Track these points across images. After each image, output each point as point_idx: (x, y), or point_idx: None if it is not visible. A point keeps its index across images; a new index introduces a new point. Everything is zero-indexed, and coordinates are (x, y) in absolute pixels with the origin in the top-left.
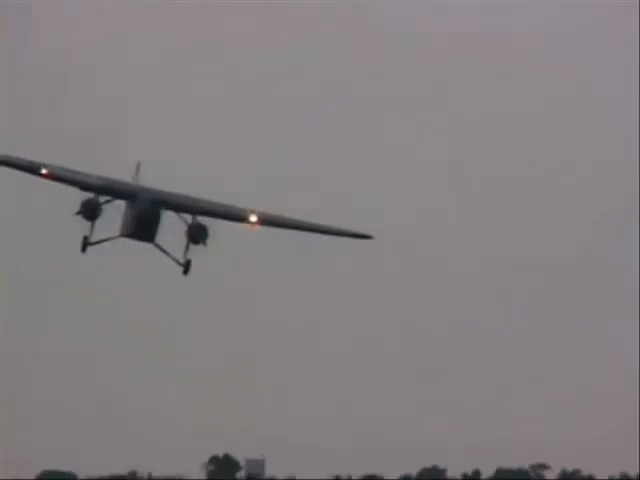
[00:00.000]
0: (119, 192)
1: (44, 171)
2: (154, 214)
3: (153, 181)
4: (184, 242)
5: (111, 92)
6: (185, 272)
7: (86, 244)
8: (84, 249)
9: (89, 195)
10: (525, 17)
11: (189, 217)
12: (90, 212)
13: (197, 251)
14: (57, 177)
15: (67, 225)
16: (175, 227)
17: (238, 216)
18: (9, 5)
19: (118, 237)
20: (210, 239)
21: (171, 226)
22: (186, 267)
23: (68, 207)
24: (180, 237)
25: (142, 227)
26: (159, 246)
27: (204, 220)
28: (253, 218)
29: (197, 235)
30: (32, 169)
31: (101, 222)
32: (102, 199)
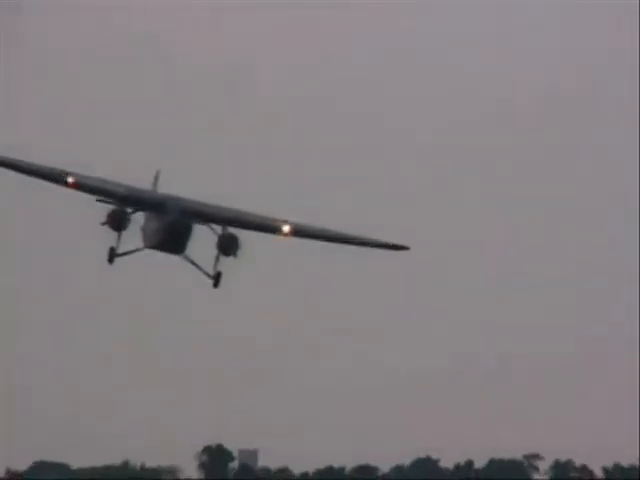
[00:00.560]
0: (148, 202)
1: (70, 180)
2: (186, 225)
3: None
4: (213, 253)
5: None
6: (215, 285)
7: (113, 255)
8: (111, 261)
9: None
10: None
11: (218, 227)
12: (118, 222)
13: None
14: (83, 186)
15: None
16: (203, 237)
17: (271, 227)
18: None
19: (145, 248)
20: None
21: (199, 236)
22: (216, 280)
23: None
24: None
25: (173, 239)
26: (188, 258)
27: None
28: (286, 229)
29: (229, 246)
30: (54, 177)
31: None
32: (129, 209)
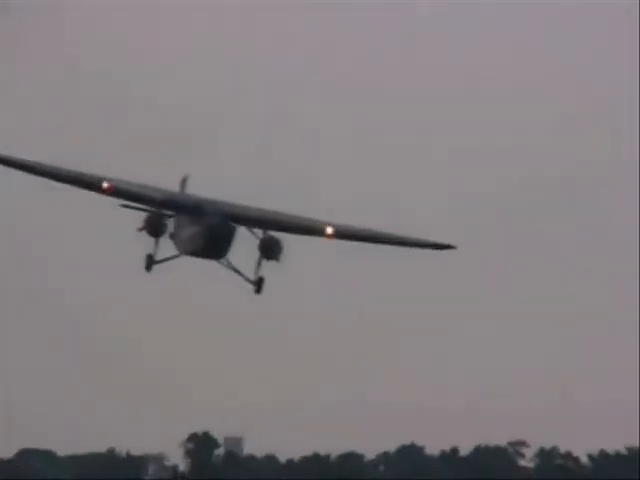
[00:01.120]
0: (189, 206)
1: (105, 185)
2: (229, 229)
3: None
4: (254, 258)
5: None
6: (258, 291)
7: (151, 263)
8: (149, 268)
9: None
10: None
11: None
12: (155, 228)
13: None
14: (120, 192)
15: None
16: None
17: (314, 230)
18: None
19: (184, 255)
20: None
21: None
22: (259, 285)
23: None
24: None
25: (215, 244)
26: (228, 263)
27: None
28: (330, 231)
29: (271, 250)
30: (90, 183)
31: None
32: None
